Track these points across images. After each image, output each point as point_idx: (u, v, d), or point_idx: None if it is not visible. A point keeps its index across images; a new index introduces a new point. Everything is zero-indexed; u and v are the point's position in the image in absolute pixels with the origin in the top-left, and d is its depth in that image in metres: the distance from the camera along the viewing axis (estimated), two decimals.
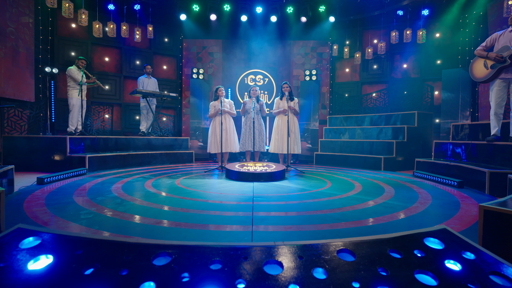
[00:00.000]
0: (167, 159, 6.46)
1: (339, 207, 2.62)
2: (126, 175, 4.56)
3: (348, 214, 2.40)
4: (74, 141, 5.08)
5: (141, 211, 2.41)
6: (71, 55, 7.37)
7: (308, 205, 2.69)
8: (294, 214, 2.39)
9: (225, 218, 2.26)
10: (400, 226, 2.09)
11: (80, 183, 3.76)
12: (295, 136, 5.39)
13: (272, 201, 2.87)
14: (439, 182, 4.08)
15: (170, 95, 6.85)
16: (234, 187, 3.59)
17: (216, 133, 5.36)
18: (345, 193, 3.31)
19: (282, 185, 3.78)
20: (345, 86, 8.79)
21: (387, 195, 3.19)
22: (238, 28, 8.26)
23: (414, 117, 6.37)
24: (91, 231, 1.90)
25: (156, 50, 8.47)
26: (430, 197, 3.10)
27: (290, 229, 1.99)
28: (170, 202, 2.77)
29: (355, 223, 2.14)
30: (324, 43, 8.51)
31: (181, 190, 3.40)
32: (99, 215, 2.27)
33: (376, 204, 2.75)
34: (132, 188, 3.45)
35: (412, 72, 8.11)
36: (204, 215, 2.33)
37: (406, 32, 7.15)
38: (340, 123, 7.76)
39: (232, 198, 2.96)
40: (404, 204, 2.78)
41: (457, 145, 4.61)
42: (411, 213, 2.44)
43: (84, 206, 2.56)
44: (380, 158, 5.76)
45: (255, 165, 4.70)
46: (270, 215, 2.34)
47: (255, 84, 6.80)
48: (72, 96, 5.77)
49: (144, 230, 1.95)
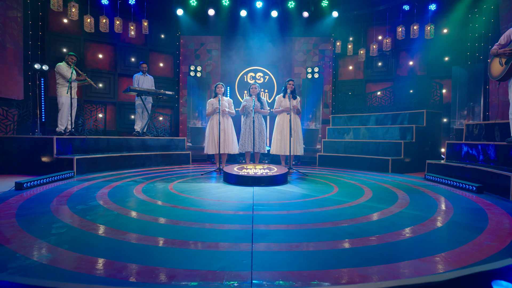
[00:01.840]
0: (163, 161, 6.13)
1: (351, 218, 2.30)
2: (117, 178, 4.23)
3: (363, 227, 2.08)
4: (62, 142, 4.75)
5: (123, 223, 2.09)
6: (62, 51, 7.04)
7: (316, 216, 2.37)
8: (300, 227, 2.07)
9: (221, 233, 1.93)
10: (432, 246, 1.77)
11: (63, 188, 3.44)
12: (298, 136, 5.07)
13: (274, 210, 2.55)
14: (455, 186, 3.76)
15: (166, 93, 6.53)
16: (232, 193, 3.27)
17: (213, 133, 5.04)
18: (354, 200, 2.99)
19: (285, 190, 3.46)
20: (348, 84, 8.47)
21: (402, 203, 2.87)
22: (237, 24, 7.93)
23: (422, 116, 6.05)
24: (58, 252, 1.58)
25: (152, 47, 8.14)
26: (450, 205, 2.78)
27: (297, 248, 1.67)
28: (160, 212, 2.45)
29: (373, 240, 1.82)
30: (327, 39, 8.18)
31: (174, 196, 3.08)
32: (74, 230, 1.95)
33: (393, 214, 2.43)
34: (119, 194, 3.12)
35: (419, 69, 7.78)
36: (196, 229, 2.01)
37: (413, 27, 6.83)
38: (344, 123, 7.43)
39: (230, 207, 2.64)
40: (424, 213, 2.46)
41: (472, 146, 4.29)
42: (435, 226, 2.12)
43: (60, 217, 2.23)
44: (387, 160, 5.44)
45: (255, 167, 4.38)
46: (273, 229, 2.02)
47: (255, 82, 6.49)
48: (61, 94, 5.44)
49: (119, 251, 1.63)
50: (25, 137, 4.78)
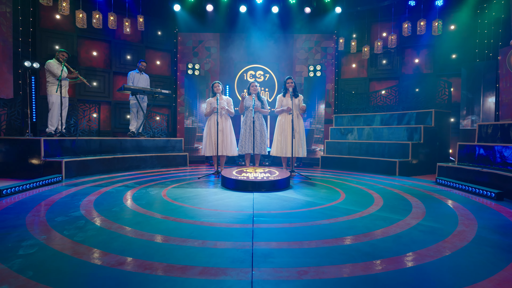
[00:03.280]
0: (158, 163, 5.86)
1: (364, 233, 2.03)
2: (108, 183, 3.96)
3: (379, 245, 1.81)
4: (51, 144, 4.48)
5: (103, 242, 1.82)
6: (54, 48, 6.75)
7: (324, 229, 2.10)
8: (308, 244, 1.80)
9: (216, 254, 1.66)
10: (467, 272, 1.50)
11: (48, 194, 3.17)
12: (300, 138, 4.80)
13: (277, 222, 2.28)
14: (471, 192, 3.49)
15: (162, 92, 6.25)
16: (230, 200, 3.00)
17: (211, 133, 4.77)
18: (364, 208, 2.72)
19: (287, 197, 3.19)
20: (351, 83, 8.19)
21: (418, 212, 2.60)
22: (236, 20, 7.65)
23: (430, 116, 5.77)
24: (18, 282, 1.31)
25: (148, 44, 7.86)
26: (471, 216, 2.51)
27: (306, 276, 1.40)
28: (148, 225, 2.18)
29: (394, 263, 1.55)
30: (329, 36, 7.90)
31: (166, 205, 2.81)
32: (45, 250, 1.67)
33: (410, 227, 2.16)
34: (107, 202, 2.85)
35: (425, 67, 7.51)
36: (187, 249, 1.74)
37: (420, 23, 6.55)
38: (348, 123, 7.15)
39: (227, 218, 2.37)
40: (445, 226, 2.20)
41: (487, 148, 4.02)
42: (462, 243, 1.85)
43: (34, 232, 1.96)
44: (394, 162, 5.17)
45: (255, 171, 4.11)
46: (276, 247, 1.75)
47: (255, 80, 6.21)
48: (51, 92, 5.16)
49: (91, 281, 1.36)
50: (10, 138, 4.50)
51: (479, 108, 6.28)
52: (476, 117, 6.31)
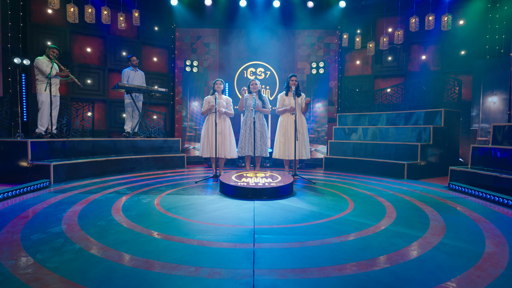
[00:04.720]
0: (155, 165, 5.60)
1: (381, 255, 1.77)
2: (98, 188, 3.71)
3: (401, 273, 1.55)
4: (38, 146, 4.22)
5: (78, 270, 1.56)
6: (46, 44, 6.45)
7: (335, 251, 1.84)
8: (318, 273, 1.54)
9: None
10: None
11: (30, 203, 2.91)
12: (304, 139, 4.54)
13: (281, 240, 2.02)
14: (489, 200, 3.23)
15: (159, 90, 5.98)
16: (229, 211, 2.75)
17: (209, 134, 4.51)
18: (377, 221, 2.46)
19: (291, 207, 2.93)
20: (355, 80, 7.90)
21: (437, 226, 2.34)
22: (236, 15, 7.34)
23: (440, 116, 5.50)
24: None
25: (145, 40, 7.56)
26: (497, 232, 2.25)
27: None
28: (134, 245, 1.92)
29: None
30: (333, 32, 7.59)
31: (158, 217, 2.55)
32: (8, 282, 1.42)
33: (433, 248, 1.90)
34: (92, 214, 2.59)
35: (432, 64, 7.21)
36: (177, 279, 1.48)
37: (428, 18, 6.24)
38: (352, 122, 6.88)
39: (225, 235, 2.11)
40: (471, 246, 1.94)
41: (504, 151, 3.75)
42: (497, 271, 1.59)
43: (1, 256, 1.71)
44: (402, 165, 4.91)
45: (256, 175, 3.85)
46: (281, 278, 1.49)
47: (255, 78, 5.94)
48: (40, 91, 4.89)
49: None
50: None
51: (488, 107, 6.01)
52: (484, 116, 6.04)
